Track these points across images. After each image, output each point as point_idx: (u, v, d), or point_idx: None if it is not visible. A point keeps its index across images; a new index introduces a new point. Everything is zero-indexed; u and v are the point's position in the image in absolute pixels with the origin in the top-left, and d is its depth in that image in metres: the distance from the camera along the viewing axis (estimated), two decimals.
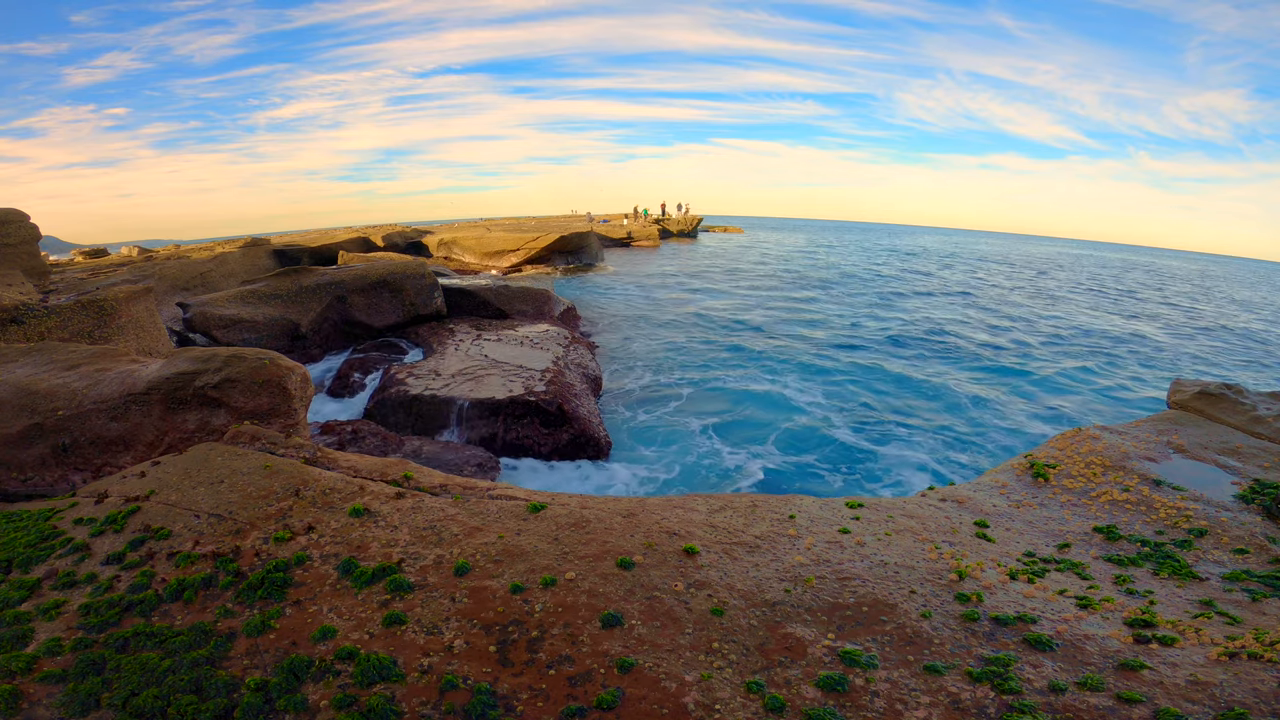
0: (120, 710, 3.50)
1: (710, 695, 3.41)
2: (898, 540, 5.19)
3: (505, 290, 21.66)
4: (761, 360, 19.39)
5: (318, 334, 17.98)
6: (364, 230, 38.56)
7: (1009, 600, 4.34)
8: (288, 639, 3.93)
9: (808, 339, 22.36)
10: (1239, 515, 5.91)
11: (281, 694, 3.53)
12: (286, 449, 6.57)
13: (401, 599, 4.23)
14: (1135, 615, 4.22)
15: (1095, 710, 3.23)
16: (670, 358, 19.13)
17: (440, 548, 4.76)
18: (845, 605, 4.22)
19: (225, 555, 4.67)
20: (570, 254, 37.75)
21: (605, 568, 4.51)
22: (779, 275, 40.56)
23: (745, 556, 4.79)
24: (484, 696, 3.44)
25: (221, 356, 7.88)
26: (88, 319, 10.98)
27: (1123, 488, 6.47)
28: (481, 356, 15.73)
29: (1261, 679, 3.42)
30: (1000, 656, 3.68)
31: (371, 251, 33.35)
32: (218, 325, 15.98)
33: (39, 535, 5.26)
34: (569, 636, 3.86)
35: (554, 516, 5.23)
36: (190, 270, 20.88)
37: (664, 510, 5.46)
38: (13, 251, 14.77)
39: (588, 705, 3.38)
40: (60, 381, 7.82)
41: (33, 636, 4.08)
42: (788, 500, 5.97)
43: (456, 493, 5.71)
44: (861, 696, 3.41)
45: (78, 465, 7.42)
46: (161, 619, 4.17)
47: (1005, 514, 6.08)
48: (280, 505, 5.30)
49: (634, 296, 28.71)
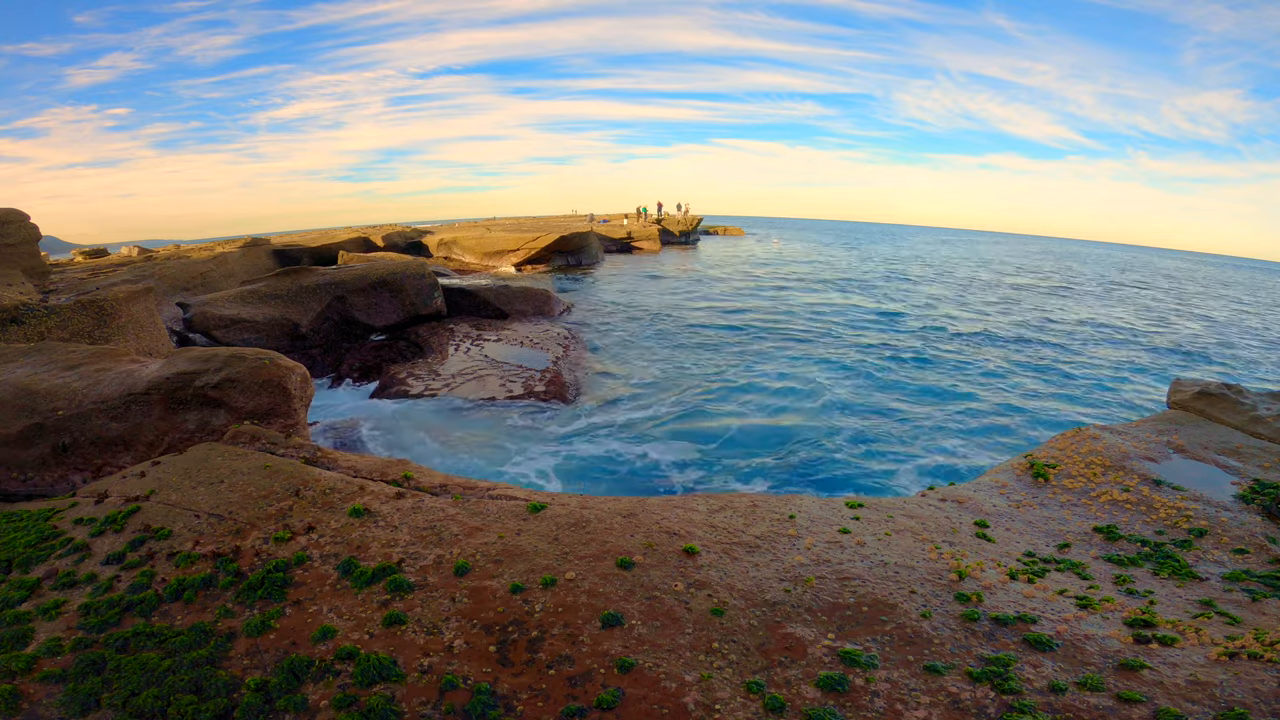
0: (120, 710, 3.50)
1: (710, 695, 3.41)
2: (898, 540, 5.19)
3: (505, 290, 21.67)
4: (761, 363, 19.38)
5: (318, 334, 17.98)
6: (364, 230, 38.55)
7: (1009, 600, 4.33)
8: (288, 639, 3.93)
9: (810, 345, 22.35)
10: (1239, 515, 5.91)
11: (281, 694, 3.53)
12: (286, 449, 6.57)
13: (401, 599, 4.22)
14: (1135, 615, 4.22)
15: (1095, 710, 3.23)
16: (670, 358, 19.12)
17: (440, 548, 4.76)
18: (845, 605, 4.22)
19: (225, 555, 4.67)
20: (570, 254, 37.75)
21: (605, 568, 4.51)
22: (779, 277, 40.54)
23: (745, 556, 4.79)
24: (484, 696, 3.43)
25: (221, 356, 7.88)
26: (88, 319, 10.98)
27: (1123, 488, 6.47)
28: (481, 356, 15.74)
29: (1261, 679, 3.41)
30: (1000, 656, 3.68)
31: (371, 251, 33.36)
32: (218, 325, 15.98)
33: (39, 535, 5.26)
34: (569, 636, 3.86)
35: (554, 516, 5.23)
36: (190, 270, 20.88)
37: (664, 510, 5.46)
38: (13, 251, 14.78)
39: (588, 705, 3.38)
40: (60, 381, 7.82)
41: (33, 636, 4.08)
42: (788, 500, 5.96)
43: (456, 493, 5.71)
44: (861, 696, 3.41)
45: (78, 465, 7.42)
46: (161, 619, 4.17)
47: (1005, 514, 6.08)
48: (280, 505, 5.30)
49: (634, 297, 28.71)
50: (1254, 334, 30.41)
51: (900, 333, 24.55)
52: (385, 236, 37.22)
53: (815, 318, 26.67)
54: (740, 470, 11.89)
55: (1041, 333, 26.26)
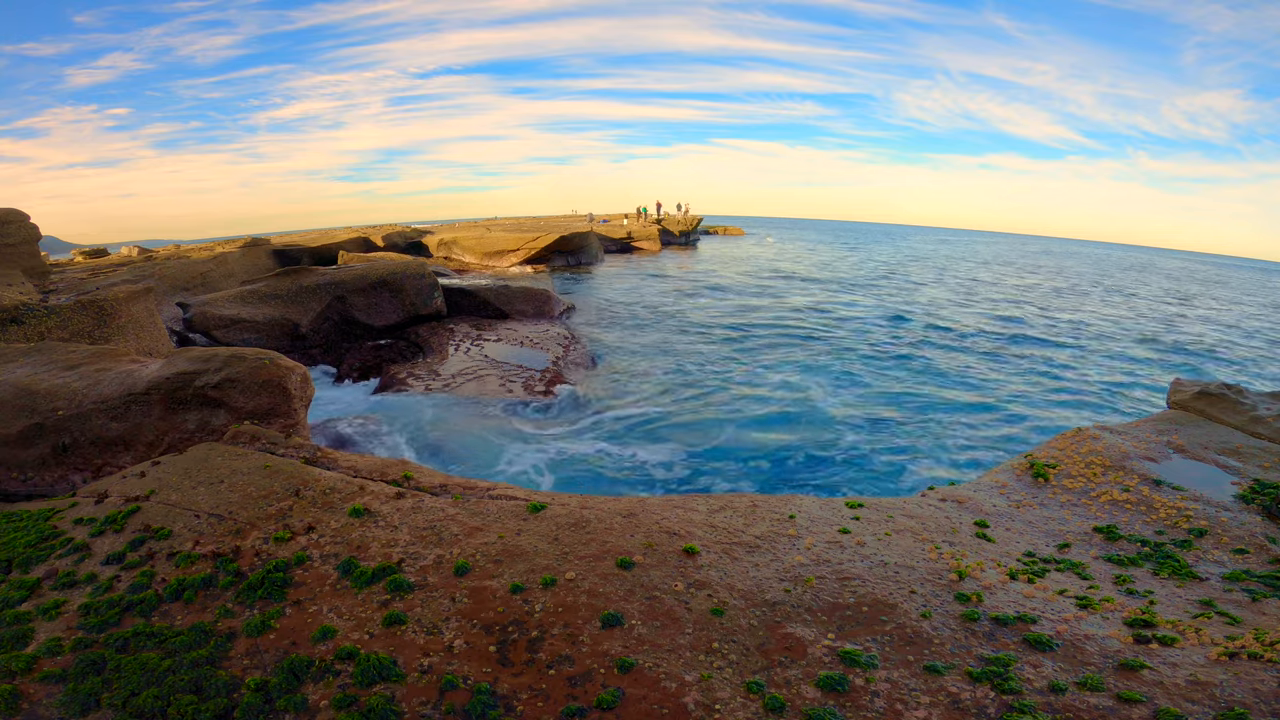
0: (120, 710, 3.50)
1: (710, 695, 3.41)
2: (898, 540, 5.19)
3: (505, 290, 21.66)
4: (762, 364, 19.38)
5: (318, 334, 17.98)
6: (364, 230, 38.53)
7: (1009, 600, 4.33)
8: (288, 639, 3.93)
9: (810, 346, 22.35)
10: (1239, 515, 5.91)
11: (281, 694, 3.53)
12: (286, 449, 6.57)
13: (401, 599, 4.22)
14: (1135, 615, 4.22)
15: (1095, 710, 3.23)
16: (671, 359, 19.12)
17: (440, 548, 4.76)
18: (845, 605, 4.22)
19: (225, 555, 4.67)
20: (570, 254, 37.73)
21: (605, 568, 4.51)
22: (780, 277, 40.54)
23: (745, 556, 4.79)
24: (484, 696, 3.43)
25: (221, 356, 7.88)
26: (88, 319, 10.98)
27: (1123, 488, 6.47)
28: (481, 356, 15.74)
29: (1261, 679, 3.41)
30: (1000, 656, 3.68)
31: (371, 251, 33.34)
32: (218, 325, 15.98)
33: (39, 535, 5.26)
34: (569, 636, 3.86)
35: (554, 516, 5.23)
36: (190, 270, 20.88)
37: (664, 510, 5.46)
38: (13, 251, 14.78)
39: (588, 705, 3.38)
40: (60, 381, 7.82)
41: (33, 636, 4.08)
42: (788, 500, 5.96)
43: (456, 493, 5.71)
44: (861, 696, 3.41)
45: (78, 465, 7.42)
46: (161, 619, 4.17)
47: (1005, 514, 6.08)
48: (280, 505, 5.30)
49: (635, 297, 28.70)
50: (1254, 334, 30.41)
51: (900, 333, 24.55)
52: (385, 236, 37.21)
53: (816, 318, 26.67)
54: (740, 471, 11.89)
55: (1041, 332, 26.26)
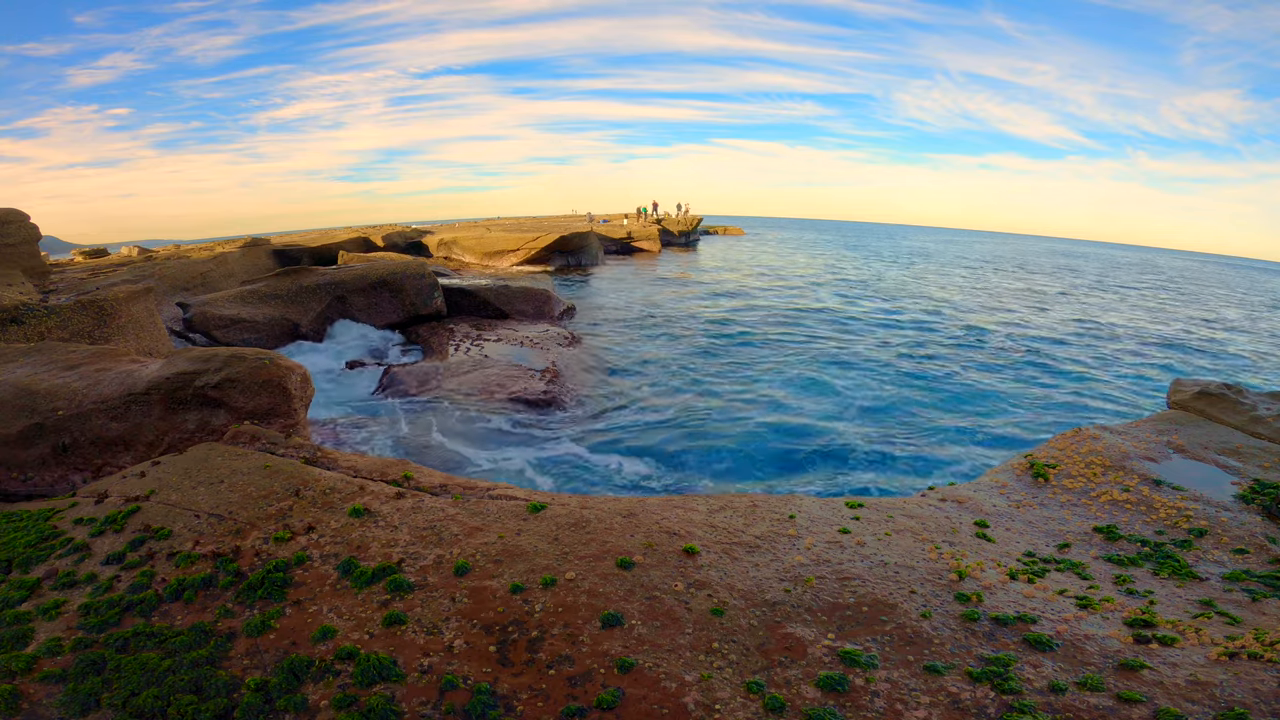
0: (120, 710, 3.50)
1: (710, 695, 3.41)
2: (898, 540, 5.19)
3: (505, 290, 21.66)
4: (763, 364, 19.38)
5: (318, 334, 17.97)
6: (364, 230, 38.53)
7: (1009, 600, 4.33)
8: (288, 639, 3.93)
9: (811, 347, 22.35)
10: (1239, 515, 5.91)
11: (281, 694, 3.53)
12: (286, 449, 6.57)
13: (401, 599, 4.22)
14: (1135, 615, 4.22)
15: (1095, 710, 3.23)
16: (671, 359, 19.12)
17: (440, 548, 4.76)
18: (845, 605, 4.22)
19: (225, 555, 4.67)
20: (570, 255, 37.72)
21: (605, 568, 4.51)
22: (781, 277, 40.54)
23: (745, 556, 4.79)
24: (484, 696, 3.43)
25: (221, 356, 7.88)
26: (88, 319, 10.98)
27: (1123, 488, 6.47)
28: (481, 356, 15.74)
29: (1261, 679, 3.41)
30: (1000, 656, 3.68)
31: (371, 251, 33.34)
32: (218, 325, 15.98)
33: (39, 535, 5.26)
34: (569, 636, 3.86)
35: (554, 516, 5.23)
36: (190, 270, 20.87)
37: (664, 510, 5.46)
38: (13, 251, 14.78)
39: (588, 705, 3.38)
40: (60, 381, 7.82)
41: (33, 636, 4.08)
42: (788, 500, 5.96)
43: (456, 493, 5.71)
44: (861, 696, 3.41)
45: (78, 465, 7.42)
46: (161, 619, 4.17)
47: (1005, 514, 6.07)
48: (280, 505, 5.30)
49: (635, 298, 28.70)
50: (1254, 334, 30.41)
51: (901, 333, 24.54)
52: (385, 236, 37.22)
53: (817, 318, 26.66)
54: (741, 471, 11.89)
55: (1041, 332, 26.26)
